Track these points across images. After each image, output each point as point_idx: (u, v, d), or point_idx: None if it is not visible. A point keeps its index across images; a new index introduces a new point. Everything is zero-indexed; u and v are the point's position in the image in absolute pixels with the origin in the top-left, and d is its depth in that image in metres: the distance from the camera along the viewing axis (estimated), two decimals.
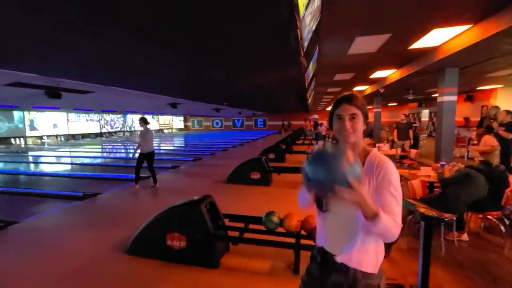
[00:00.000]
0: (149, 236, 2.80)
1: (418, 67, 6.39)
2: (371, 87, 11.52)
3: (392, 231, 0.93)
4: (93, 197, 4.98)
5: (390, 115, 24.86)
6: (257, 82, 7.60)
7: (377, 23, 3.97)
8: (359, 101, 1.10)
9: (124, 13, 2.76)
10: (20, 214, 4.14)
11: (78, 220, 3.92)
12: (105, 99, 10.86)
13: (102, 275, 2.51)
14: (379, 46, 5.08)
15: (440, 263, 2.70)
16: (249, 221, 2.87)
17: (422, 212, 2.00)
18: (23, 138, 16.71)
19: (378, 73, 8.45)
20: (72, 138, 19.61)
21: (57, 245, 3.15)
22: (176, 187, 5.88)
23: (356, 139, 1.09)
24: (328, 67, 7.24)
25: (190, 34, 3.37)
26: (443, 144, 6.43)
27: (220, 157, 10.45)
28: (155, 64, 5.08)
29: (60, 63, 4.68)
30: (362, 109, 1.10)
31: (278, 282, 2.35)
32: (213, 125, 32.88)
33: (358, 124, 1.08)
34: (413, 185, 3.39)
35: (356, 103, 1.09)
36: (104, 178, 6.82)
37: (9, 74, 5.14)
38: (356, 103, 1.09)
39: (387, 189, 0.99)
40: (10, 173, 8.12)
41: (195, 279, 2.42)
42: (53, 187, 6.01)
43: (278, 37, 3.09)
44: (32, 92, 7.17)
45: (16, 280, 2.46)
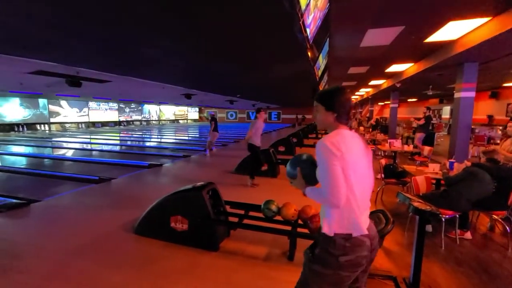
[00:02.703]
0: (154, 217, 2.97)
1: (436, 61, 6.16)
2: (387, 81, 11.20)
3: (319, 197, 1.22)
4: (108, 181, 5.26)
5: (410, 111, 24.07)
6: (267, 74, 7.61)
7: (388, 15, 3.87)
8: (318, 95, 1.34)
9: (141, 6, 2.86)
10: (42, 193, 4.47)
11: (93, 201, 4.19)
12: (122, 88, 11.23)
13: (110, 251, 2.71)
14: (393, 39, 4.95)
15: (438, 259, 2.70)
16: (249, 209, 2.97)
17: (416, 206, 2.02)
18: (47, 125, 17.63)
19: (394, 67, 8.21)
20: (92, 126, 20.47)
21: (72, 222, 3.41)
22: (185, 175, 6.08)
23: (322, 127, 1.36)
24: (341, 60, 7.12)
25: (203, 27, 3.45)
26: (458, 142, 6.22)
27: (231, 148, 10.61)
28: (170, 55, 5.22)
29: (80, 52, 4.92)
30: (321, 101, 1.32)
31: (273, 267, 2.45)
32: (228, 117, 33.13)
33: (318, 114, 1.34)
34: (417, 181, 3.36)
35: (316, 98, 1.34)
36: (119, 164, 7.16)
37: (32, 63, 5.45)
38: (316, 98, 1.34)
39: (318, 166, 1.22)
40: (35, 156, 8.68)
41: (195, 260, 2.57)
42: (72, 171, 6.38)
43: (282, 28, 3.11)
44: (54, 80, 7.56)
45: (36, 250, 2.71)
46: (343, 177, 1.15)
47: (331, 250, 1.20)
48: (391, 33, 4.65)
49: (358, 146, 1.25)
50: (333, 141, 1.17)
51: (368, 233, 1.23)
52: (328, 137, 1.20)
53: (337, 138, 1.19)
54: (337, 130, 1.26)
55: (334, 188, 1.14)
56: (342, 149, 1.16)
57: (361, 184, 1.22)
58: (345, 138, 1.21)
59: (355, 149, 1.22)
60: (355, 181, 1.19)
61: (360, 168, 1.22)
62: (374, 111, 21.33)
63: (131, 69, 6.78)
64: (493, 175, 2.89)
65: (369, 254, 1.23)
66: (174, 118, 29.72)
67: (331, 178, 1.15)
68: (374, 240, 1.26)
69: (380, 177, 4.51)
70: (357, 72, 9.17)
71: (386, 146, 6.88)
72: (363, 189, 1.24)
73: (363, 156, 1.26)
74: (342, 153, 1.15)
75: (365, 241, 1.21)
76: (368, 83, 12.25)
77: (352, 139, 1.24)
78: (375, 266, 2.56)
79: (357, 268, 1.22)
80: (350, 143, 1.21)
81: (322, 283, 1.23)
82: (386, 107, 25.46)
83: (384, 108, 28.11)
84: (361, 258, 1.20)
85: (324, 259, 1.22)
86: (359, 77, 10.29)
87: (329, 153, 1.15)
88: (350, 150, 1.18)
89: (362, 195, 1.23)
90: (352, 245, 1.19)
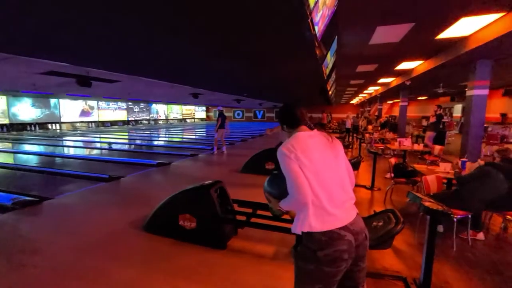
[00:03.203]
0: (163, 215, 3.01)
1: (447, 59, 6.03)
2: (396, 79, 11.02)
3: (290, 201, 1.28)
4: (117, 180, 5.35)
5: (420, 110, 23.63)
6: (274, 73, 7.58)
7: (398, 11, 3.80)
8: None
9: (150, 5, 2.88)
10: (53, 191, 4.57)
11: (103, 199, 4.26)
12: (131, 88, 11.36)
13: (120, 247, 2.75)
14: (403, 36, 4.86)
15: (450, 260, 2.65)
16: (256, 207, 2.97)
17: (427, 206, 1.98)
18: (58, 124, 18.02)
19: (404, 65, 8.06)
20: (102, 125, 20.82)
21: (83, 219, 3.48)
22: (192, 173, 6.12)
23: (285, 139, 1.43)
24: (349, 58, 7.04)
25: (212, 26, 3.45)
26: (470, 140, 6.08)
27: (239, 147, 10.63)
28: (178, 55, 5.25)
29: (89, 53, 4.99)
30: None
31: (280, 265, 2.45)
32: (235, 116, 33.18)
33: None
34: (428, 180, 3.29)
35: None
36: (128, 163, 7.26)
37: (44, 63, 5.56)
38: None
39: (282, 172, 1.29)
40: (47, 155, 8.88)
41: (203, 258, 2.59)
42: (83, 169, 6.51)
43: (290, 27, 3.08)
44: (65, 80, 7.71)
45: (48, 246, 2.77)
46: (303, 174, 1.23)
47: (309, 244, 1.23)
48: (401, 30, 4.56)
49: (317, 142, 1.33)
50: (287, 145, 1.29)
51: (349, 228, 1.24)
52: (284, 143, 1.32)
53: (291, 141, 1.30)
54: (293, 135, 1.37)
55: (298, 186, 1.22)
56: (296, 150, 1.25)
57: (327, 176, 1.27)
58: (299, 139, 1.32)
59: (312, 145, 1.30)
60: (317, 175, 1.24)
61: (322, 162, 1.28)
62: (383, 110, 21.03)
63: (140, 69, 6.85)
64: (506, 174, 2.81)
65: (351, 249, 1.23)
66: (181, 117, 29.96)
67: (293, 178, 1.23)
68: (358, 235, 1.26)
69: (390, 176, 4.45)
70: (365, 70, 9.04)
71: (396, 145, 6.77)
72: (331, 181, 1.28)
73: (325, 150, 1.32)
74: (296, 153, 1.24)
75: (343, 235, 1.21)
76: (377, 81, 12.07)
77: (308, 138, 1.33)
78: (384, 267, 2.53)
79: (339, 263, 1.21)
80: (304, 142, 1.30)
81: (308, 279, 1.27)
82: (396, 105, 25.06)
83: (393, 107, 27.67)
84: (340, 252, 1.20)
85: (304, 255, 1.26)
86: (367, 75, 10.15)
87: (285, 156, 1.26)
88: (306, 148, 1.27)
89: (331, 187, 1.26)
90: (329, 239, 1.20)
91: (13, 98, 15.32)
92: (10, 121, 15.35)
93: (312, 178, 1.23)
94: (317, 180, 1.24)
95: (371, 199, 4.48)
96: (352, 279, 1.31)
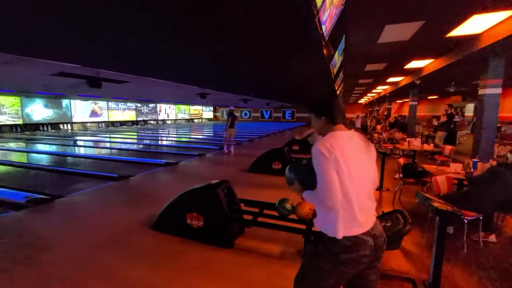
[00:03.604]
0: (171, 214, 3.05)
1: (458, 57, 5.91)
2: (406, 78, 10.85)
3: (315, 199, 1.27)
4: (126, 179, 5.44)
5: (430, 109, 23.19)
6: (281, 73, 7.57)
7: (407, 9, 3.75)
8: (308, 105, 1.42)
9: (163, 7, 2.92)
10: (65, 190, 4.69)
11: (113, 198, 4.35)
12: (140, 88, 11.53)
13: (129, 245, 2.81)
14: (412, 34, 4.79)
15: (460, 262, 2.60)
16: (263, 207, 2.98)
17: (436, 206, 1.95)
18: (70, 124, 18.43)
19: (414, 63, 7.94)
20: (111, 125, 21.19)
21: (94, 217, 3.56)
22: (200, 173, 6.18)
23: (318, 132, 1.40)
24: (357, 57, 6.97)
25: (218, 25, 3.47)
26: (483, 141, 5.94)
27: (246, 147, 10.66)
28: (184, 55, 5.30)
29: (99, 54, 5.10)
30: (311, 109, 1.40)
31: (287, 265, 2.45)
32: (242, 116, 33.26)
33: (312, 122, 1.41)
34: (437, 181, 3.24)
35: (307, 108, 1.43)
36: (136, 163, 7.38)
37: (54, 65, 5.70)
38: (307, 108, 1.43)
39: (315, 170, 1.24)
40: (58, 154, 9.10)
41: (210, 256, 2.61)
42: (93, 168, 6.64)
43: (297, 26, 3.08)
44: (76, 81, 7.88)
45: (60, 243, 2.85)
46: (338, 178, 1.18)
47: (332, 248, 1.23)
48: (411, 29, 4.50)
49: (355, 145, 1.27)
50: (326, 144, 1.20)
51: (371, 232, 1.24)
52: (321, 140, 1.23)
53: (330, 140, 1.22)
54: (331, 133, 1.29)
55: (328, 191, 1.18)
56: (335, 151, 1.18)
57: (359, 183, 1.23)
58: (338, 139, 1.24)
59: (350, 148, 1.24)
60: (351, 181, 1.20)
61: (357, 167, 1.23)
62: (392, 109, 20.71)
63: (148, 69, 6.95)
64: None
65: (372, 253, 1.24)
66: (189, 117, 30.21)
67: (325, 181, 1.18)
68: (378, 239, 1.27)
69: (398, 177, 4.38)
70: (374, 69, 8.94)
71: (405, 145, 6.67)
72: (361, 188, 1.25)
73: (361, 155, 1.27)
74: (335, 156, 1.17)
75: (367, 240, 1.22)
76: (386, 80, 11.91)
77: (348, 140, 1.26)
78: (393, 268, 2.50)
79: (357, 266, 1.24)
80: (344, 144, 1.23)
81: (320, 276, 1.27)
82: (405, 104, 24.65)
83: (403, 106, 27.24)
84: (362, 257, 1.22)
85: (324, 255, 1.25)
86: (376, 74, 10.03)
87: (322, 157, 1.19)
88: (345, 151, 1.20)
89: (361, 194, 1.24)
90: (353, 244, 1.21)
91: (27, 99, 15.75)
92: (24, 122, 15.78)
93: (347, 184, 1.19)
94: (351, 184, 1.20)
95: (379, 200, 4.42)
96: (364, 276, 1.32)
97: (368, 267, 1.28)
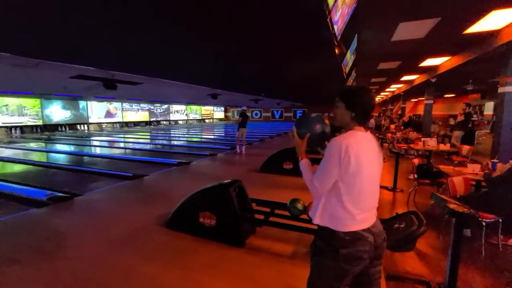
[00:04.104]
0: (184, 213, 3.11)
1: (476, 54, 5.71)
2: (421, 76, 10.58)
3: (305, 178, 1.34)
4: (141, 178, 5.58)
5: (447, 108, 22.51)
6: (292, 73, 7.55)
7: (422, 6, 3.66)
8: (341, 91, 1.35)
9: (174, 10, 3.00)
10: (83, 188, 4.86)
11: (128, 197, 4.47)
12: (153, 90, 11.79)
13: (144, 243, 2.89)
14: (428, 31, 4.67)
15: (477, 266, 2.53)
16: (274, 207, 2.99)
17: (452, 208, 1.90)
18: (86, 125, 19.03)
19: (429, 61, 7.73)
20: (125, 126, 21.72)
21: (110, 215, 3.68)
22: (212, 173, 6.25)
23: (338, 123, 1.37)
24: (370, 55, 6.86)
25: (230, 27, 3.52)
26: (503, 140, 5.71)
27: (257, 147, 10.68)
28: (198, 56, 5.39)
29: (115, 57, 5.27)
30: (342, 98, 1.32)
31: (299, 265, 2.45)
32: (252, 115, 33.31)
33: (337, 110, 1.35)
34: (454, 182, 3.15)
35: (339, 94, 1.34)
36: (150, 162, 7.54)
37: (73, 68, 5.93)
38: (339, 94, 1.34)
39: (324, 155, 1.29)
40: (76, 154, 9.43)
41: (222, 254, 2.65)
42: (109, 168, 6.84)
43: (309, 27, 3.07)
44: (93, 83, 8.15)
45: (78, 240, 2.97)
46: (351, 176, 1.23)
47: (332, 242, 1.26)
48: (426, 26, 4.39)
49: (371, 148, 1.30)
50: (347, 144, 1.22)
51: (371, 230, 1.28)
52: (343, 138, 1.25)
53: (350, 140, 1.23)
54: (352, 131, 1.30)
55: (321, 180, 1.27)
56: (351, 154, 1.21)
57: (367, 183, 1.27)
58: (358, 139, 1.26)
59: (366, 151, 1.27)
60: (361, 181, 1.25)
61: (368, 169, 1.26)
62: (406, 108, 20.22)
63: (162, 71, 7.10)
64: None
65: (371, 250, 1.27)
66: (200, 118, 30.55)
67: (325, 171, 1.26)
68: (378, 237, 1.30)
69: (413, 178, 4.29)
70: (387, 68, 8.77)
71: (420, 145, 6.51)
72: (368, 188, 1.29)
73: (374, 159, 1.30)
74: (349, 160, 1.21)
75: (366, 236, 1.26)
76: (400, 78, 11.65)
77: (366, 143, 1.28)
78: (407, 270, 2.46)
79: (358, 262, 1.25)
80: (362, 145, 1.25)
81: (325, 275, 1.30)
82: (420, 103, 24.00)
83: (417, 105, 26.52)
84: (362, 252, 1.24)
85: (325, 251, 1.29)
86: (389, 72, 9.83)
87: (336, 155, 1.22)
88: (360, 152, 1.23)
89: (367, 194, 1.29)
90: (353, 239, 1.24)
91: (46, 101, 16.39)
92: (43, 123, 16.42)
93: (357, 183, 1.25)
94: (359, 186, 1.25)
95: (393, 201, 4.34)
96: (367, 275, 1.34)
97: (370, 266, 1.30)
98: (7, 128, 14.88)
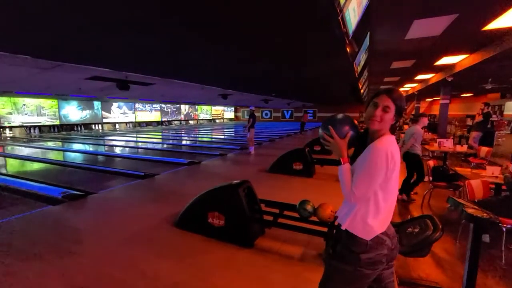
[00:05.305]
0: (193, 213, 3.13)
1: (496, 52, 5.46)
2: (436, 75, 10.25)
3: (343, 183, 1.25)
4: (152, 177, 5.66)
5: (464, 108, 21.72)
6: (303, 73, 7.47)
7: (438, 3, 3.53)
8: (396, 95, 1.25)
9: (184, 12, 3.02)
10: (97, 186, 4.97)
11: (139, 195, 4.55)
12: (164, 90, 11.97)
13: (155, 241, 2.92)
14: (444, 28, 4.51)
15: (497, 273, 2.41)
16: (284, 208, 2.96)
17: (470, 213, 1.82)
18: (100, 125, 19.52)
19: (445, 59, 7.46)
20: (138, 125, 22.15)
21: (123, 213, 3.75)
22: (221, 172, 6.27)
23: (380, 128, 1.26)
24: (382, 54, 6.69)
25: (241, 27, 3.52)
26: None
27: (266, 147, 10.65)
28: (210, 57, 5.42)
29: (127, 58, 5.37)
30: (396, 103, 1.24)
31: (308, 267, 2.42)
32: (262, 116, 33.27)
33: (386, 115, 1.24)
34: (472, 185, 3.02)
35: (392, 96, 1.24)
36: (161, 162, 7.65)
37: (88, 70, 6.09)
38: (392, 96, 1.24)
39: (361, 162, 1.23)
40: (91, 153, 9.68)
41: (231, 255, 2.64)
42: (121, 167, 6.99)
43: (320, 25, 3.02)
44: (106, 84, 8.35)
45: (92, 236, 3.04)
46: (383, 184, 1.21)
47: (353, 247, 1.24)
48: (442, 23, 4.23)
49: (398, 151, 1.28)
50: (392, 150, 1.20)
51: (387, 232, 1.27)
52: (387, 144, 1.21)
53: (392, 149, 1.21)
54: (390, 137, 1.26)
55: (365, 190, 1.20)
56: (395, 161, 1.20)
57: (393, 191, 1.26)
58: (396, 147, 1.25)
59: (398, 159, 1.25)
60: (395, 185, 1.24)
61: (396, 176, 1.25)
62: (420, 108, 19.66)
63: (174, 72, 7.19)
64: None
65: (389, 253, 1.26)
66: (210, 118, 30.78)
67: (370, 181, 1.19)
68: (393, 239, 1.29)
69: (428, 180, 4.16)
70: (401, 67, 8.53)
71: (435, 146, 6.30)
72: (393, 195, 1.28)
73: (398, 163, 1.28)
74: (394, 167, 1.20)
75: (384, 240, 1.24)
76: (414, 77, 11.32)
77: (396, 146, 1.26)
78: (420, 276, 2.38)
79: (377, 266, 1.24)
80: (397, 150, 1.25)
81: (341, 280, 1.28)
82: (436, 103, 23.30)
83: (432, 105, 25.74)
84: (381, 256, 1.23)
85: (345, 256, 1.26)
86: (403, 71, 9.56)
87: (384, 163, 1.18)
88: (396, 157, 1.22)
89: (392, 200, 1.28)
90: (374, 243, 1.22)
91: (63, 102, 16.92)
92: (60, 122, 16.97)
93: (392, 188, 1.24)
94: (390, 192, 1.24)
95: (406, 204, 4.22)
96: (382, 279, 1.33)
97: (385, 268, 1.30)
98: (26, 128, 15.45)
